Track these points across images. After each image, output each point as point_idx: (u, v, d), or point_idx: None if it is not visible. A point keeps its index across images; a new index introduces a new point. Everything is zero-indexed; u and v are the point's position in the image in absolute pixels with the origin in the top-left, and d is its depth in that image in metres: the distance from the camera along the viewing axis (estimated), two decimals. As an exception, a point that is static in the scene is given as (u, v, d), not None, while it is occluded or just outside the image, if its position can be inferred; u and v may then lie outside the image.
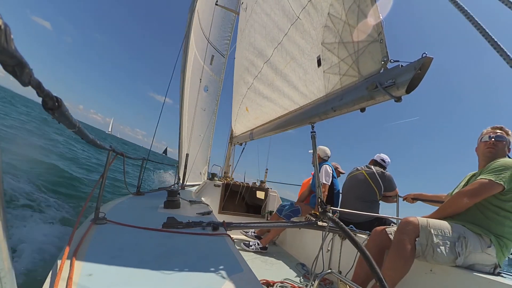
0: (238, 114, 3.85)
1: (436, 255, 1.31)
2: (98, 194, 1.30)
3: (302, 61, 2.07)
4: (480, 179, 1.42)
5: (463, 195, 1.42)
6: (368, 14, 1.37)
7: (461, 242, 1.32)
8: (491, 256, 1.33)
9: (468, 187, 1.44)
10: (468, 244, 1.32)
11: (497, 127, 1.57)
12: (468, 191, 1.42)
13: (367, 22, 1.38)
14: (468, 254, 1.32)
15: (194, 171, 4.40)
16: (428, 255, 1.32)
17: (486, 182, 1.38)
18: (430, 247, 1.32)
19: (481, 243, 1.34)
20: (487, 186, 1.37)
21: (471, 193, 1.40)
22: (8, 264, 0.36)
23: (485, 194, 1.38)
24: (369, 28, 1.36)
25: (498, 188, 1.36)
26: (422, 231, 1.35)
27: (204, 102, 5.00)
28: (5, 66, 0.34)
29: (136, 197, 2.30)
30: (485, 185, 1.38)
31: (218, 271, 0.90)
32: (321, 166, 2.92)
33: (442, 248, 1.31)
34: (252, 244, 2.68)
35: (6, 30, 0.31)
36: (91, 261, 0.82)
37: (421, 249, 1.33)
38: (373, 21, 1.34)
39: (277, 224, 2.16)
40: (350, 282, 1.13)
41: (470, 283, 1.28)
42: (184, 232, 1.26)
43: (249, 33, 3.12)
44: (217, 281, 0.82)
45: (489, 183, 1.37)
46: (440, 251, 1.30)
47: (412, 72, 1.12)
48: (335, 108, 1.63)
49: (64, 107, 0.56)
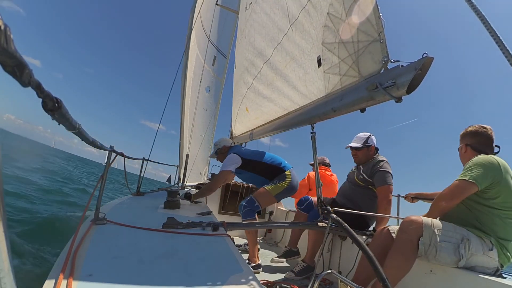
0: (238, 114, 3.85)
1: (438, 256, 1.30)
2: (98, 195, 1.30)
3: (302, 61, 2.07)
4: (456, 180, 1.41)
5: (441, 199, 1.42)
6: (368, 13, 1.37)
7: (465, 244, 1.31)
8: (493, 259, 1.32)
9: (446, 189, 1.43)
10: (470, 246, 1.31)
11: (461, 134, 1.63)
12: (445, 195, 1.41)
13: (368, 22, 1.38)
14: (470, 256, 1.31)
15: (194, 171, 4.40)
16: (430, 255, 1.31)
17: (458, 183, 1.38)
18: (433, 247, 1.30)
19: (482, 246, 1.32)
20: (462, 186, 1.36)
21: (448, 196, 1.40)
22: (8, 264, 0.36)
23: (462, 195, 1.37)
24: (369, 28, 1.36)
25: (473, 187, 1.34)
26: (425, 230, 1.33)
27: (206, 102, 5.00)
28: (5, 67, 0.34)
29: (136, 197, 2.30)
30: (459, 186, 1.37)
31: (218, 271, 0.90)
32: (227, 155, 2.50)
33: (445, 249, 1.30)
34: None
35: (6, 30, 0.31)
36: (91, 261, 0.82)
37: (424, 248, 1.31)
38: (373, 21, 1.34)
39: (277, 224, 2.16)
40: (351, 282, 1.13)
41: (470, 284, 1.27)
42: (184, 232, 1.26)
43: (249, 33, 3.12)
44: (217, 281, 0.82)
45: (462, 184, 1.36)
46: (443, 252, 1.29)
47: (413, 72, 1.12)
48: (335, 109, 1.63)
49: (64, 108, 0.56)
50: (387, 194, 1.96)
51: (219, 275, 0.87)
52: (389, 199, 1.96)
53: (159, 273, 0.81)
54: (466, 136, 1.58)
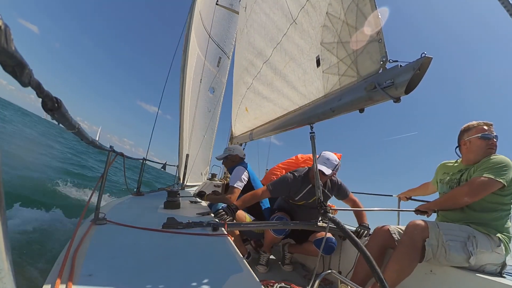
0: (237, 114, 3.85)
1: (449, 255, 1.29)
2: (98, 194, 1.30)
3: (301, 61, 2.07)
4: (480, 177, 1.40)
5: (464, 194, 1.41)
6: (367, 13, 1.37)
7: (472, 241, 1.30)
8: (500, 255, 1.32)
9: (468, 185, 1.43)
10: (478, 244, 1.30)
11: (490, 123, 1.56)
12: (469, 190, 1.41)
13: (366, 22, 1.38)
14: (479, 254, 1.30)
15: (194, 171, 4.39)
16: (440, 256, 1.30)
17: (486, 181, 1.37)
18: (442, 247, 1.29)
19: (490, 243, 1.32)
20: (488, 184, 1.36)
21: (472, 193, 1.39)
22: (7, 264, 0.36)
23: (486, 193, 1.38)
24: (368, 28, 1.37)
25: (498, 186, 1.35)
26: (431, 231, 1.33)
27: (210, 103, 4.99)
28: (5, 67, 0.35)
29: (136, 198, 2.30)
30: (486, 183, 1.37)
31: (218, 271, 0.90)
32: (234, 168, 2.60)
33: (453, 247, 1.29)
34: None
35: (6, 30, 0.31)
36: (91, 261, 0.82)
37: (432, 250, 1.30)
38: (372, 21, 1.35)
39: (277, 224, 2.15)
40: (350, 282, 1.13)
41: (470, 284, 1.27)
42: (184, 232, 1.26)
43: (249, 33, 3.13)
44: (217, 281, 0.82)
45: (490, 181, 1.36)
46: (452, 251, 1.28)
47: (411, 72, 1.12)
48: (333, 109, 1.63)
49: (64, 108, 0.56)
50: (355, 198, 2.35)
51: (219, 275, 0.87)
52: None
53: (159, 274, 0.81)
54: (471, 130, 1.58)
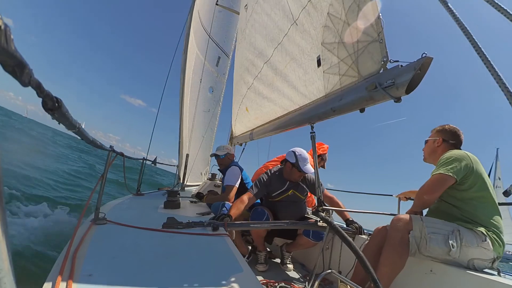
0: (238, 114, 3.85)
1: (429, 247, 1.33)
2: (98, 194, 1.30)
3: (302, 61, 2.07)
4: (433, 174, 1.48)
5: (423, 193, 1.49)
6: (368, 13, 1.37)
7: (455, 235, 1.34)
8: (488, 250, 1.34)
9: (425, 184, 1.50)
10: (462, 238, 1.34)
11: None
12: (426, 189, 1.48)
13: (367, 22, 1.38)
14: (464, 248, 1.34)
15: (194, 171, 4.39)
16: (422, 247, 1.35)
17: (436, 177, 1.44)
18: (424, 239, 1.34)
19: (476, 238, 1.35)
20: (440, 179, 1.43)
21: (429, 190, 1.47)
22: (8, 264, 0.36)
23: (441, 188, 1.44)
24: (369, 28, 1.37)
25: (451, 179, 1.41)
26: (415, 224, 1.38)
27: (209, 103, 4.98)
28: (5, 67, 0.34)
29: (136, 197, 2.30)
30: (438, 179, 1.44)
31: (218, 271, 0.90)
32: (228, 168, 2.60)
33: (434, 240, 1.34)
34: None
35: (6, 30, 0.31)
36: (91, 261, 0.82)
37: (415, 242, 1.35)
38: (373, 21, 1.34)
39: (277, 224, 2.15)
40: (350, 282, 1.13)
41: (470, 284, 1.27)
42: (184, 232, 1.26)
43: (250, 33, 3.12)
44: (217, 281, 0.82)
45: (440, 177, 1.43)
46: (433, 243, 1.33)
47: (412, 72, 1.12)
48: (334, 109, 1.63)
49: (64, 107, 0.56)
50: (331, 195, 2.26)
51: (219, 275, 0.87)
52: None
53: (160, 273, 0.81)
54: (446, 133, 1.67)
